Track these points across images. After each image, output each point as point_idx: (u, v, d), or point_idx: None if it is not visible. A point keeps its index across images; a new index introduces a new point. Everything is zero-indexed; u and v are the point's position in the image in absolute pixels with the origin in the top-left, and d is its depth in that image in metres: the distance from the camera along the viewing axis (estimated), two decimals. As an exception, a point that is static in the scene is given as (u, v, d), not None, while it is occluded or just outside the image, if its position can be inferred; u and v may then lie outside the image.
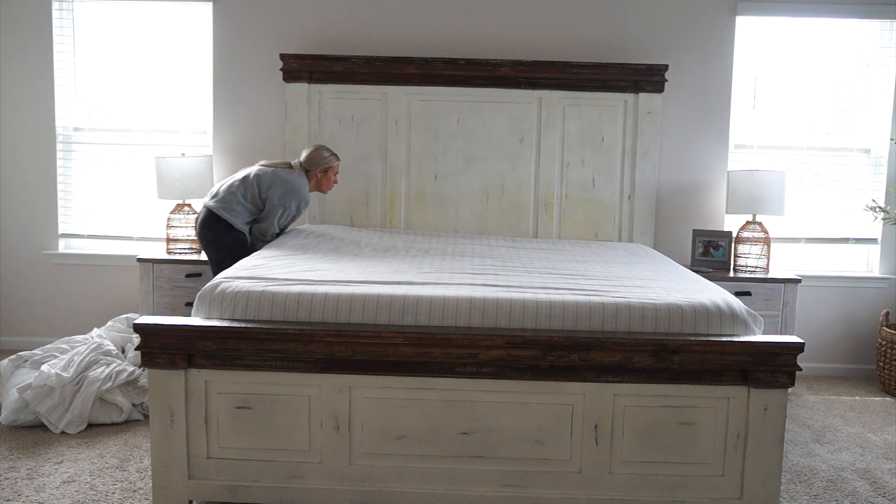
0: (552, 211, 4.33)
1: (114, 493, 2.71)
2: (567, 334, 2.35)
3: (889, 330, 4.16)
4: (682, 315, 2.41)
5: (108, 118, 4.59)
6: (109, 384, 3.33)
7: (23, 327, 4.59)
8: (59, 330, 4.47)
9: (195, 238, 4.12)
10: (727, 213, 4.30)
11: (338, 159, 3.89)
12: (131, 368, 3.44)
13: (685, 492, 2.39)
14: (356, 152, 4.31)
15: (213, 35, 4.40)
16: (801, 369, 2.35)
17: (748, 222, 4.26)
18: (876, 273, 4.54)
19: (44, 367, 3.33)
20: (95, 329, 3.82)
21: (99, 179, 4.57)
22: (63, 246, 4.59)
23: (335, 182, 3.91)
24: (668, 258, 3.57)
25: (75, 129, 4.55)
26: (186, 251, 4.23)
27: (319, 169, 3.82)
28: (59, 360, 3.41)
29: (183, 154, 4.28)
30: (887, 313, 4.26)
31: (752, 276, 4.07)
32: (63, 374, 3.28)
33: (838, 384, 4.36)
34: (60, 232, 4.56)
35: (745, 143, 4.52)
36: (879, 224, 4.48)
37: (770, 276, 4.09)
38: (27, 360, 3.52)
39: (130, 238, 4.57)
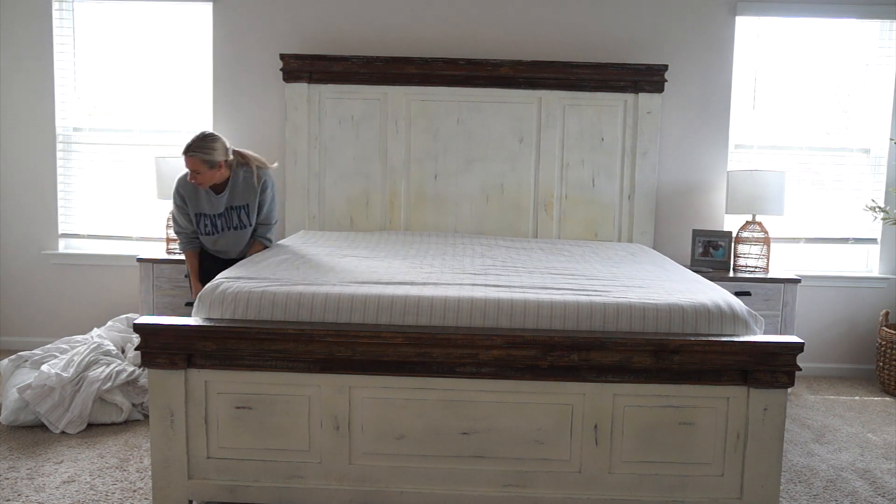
0: (552, 211, 4.33)
1: (114, 493, 2.71)
2: (567, 334, 2.35)
3: (889, 330, 4.16)
4: (682, 315, 2.41)
5: (108, 118, 4.59)
6: (109, 384, 3.33)
7: (23, 327, 4.59)
8: (59, 330, 4.48)
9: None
10: (727, 213, 4.31)
11: (184, 152, 3.25)
12: (131, 368, 3.44)
13: (685, 492, 2.39)
14: (356, 152, 4.31)
15: (213, 35, 4.41)
16: (800, 369, 2.35)
17: (748, 222, 4.26)
18: (876, 273, 4.54)
19: (44, 367, 3.33)
20: (95, 329, 3.82)
21: (99, 179, 4.57)
22: (63, 246, 4.59)
23: (191, 176, 3.28)
24: (668, 258, 3.57)
25: (75, 129, 4.55)
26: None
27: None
28: (59, 360, 3.41)
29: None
30: (887, 313, 4.26)
31: (751, 276, 4.07)
32: (63, 374, 3.28)
33: (838, 384, 4.36)
34: (60, 232, 4.56)
35: (745, 143, 4.52)
36: (879, 224, 4.48)
37: (770, 276, 4.09)
38: (27, 360, 3.52)
39: (130, 238, 4.57)
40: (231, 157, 3.38)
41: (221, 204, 3.42)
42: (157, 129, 4.54)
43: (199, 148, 3.25)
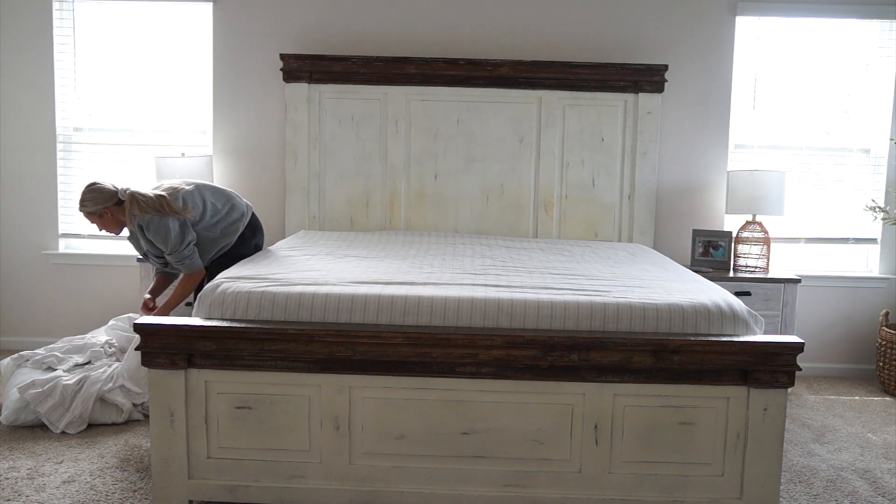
0: (552, 211, 4.33)
1: (114, 493, 2.71)
2: (567, 334, 2.35)
3: (889, 330, 4.16)
4: (682, 315, 2.41)
5: (109, 118, 4.59)
6: (110, 385, 3.32)
7: (23, 327, 4.59)
8: (59, 330, 4.48)
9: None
10: (727, 213, 4.31)
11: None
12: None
13: (685, 492, 2.39)
14: (356, 152, 4.31)
15: (213, 35, 4.41)
16: (800, 369, 2.35)
17: (748, 222, 4.26)
18: (876, 273, 4.54)
19: (44, 368, 3.33)
20: (98, 329, 3.82)
21: (99, 179, 4.56)
22: (63, 246, 4.59)
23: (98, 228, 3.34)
24: (668, 258, 3.57)
25: (75, 129, 4.55)
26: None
27: None
28: (59, 360, 3.41)
29: (183, 154, 4.28)
30: (887, 313, 4.26)
31: (752, 276, 4.07)
32: (64, 374, 3.28)
33: (838, 384, 4.36)
34: (60, 232, 4.56)
35: (745, 143, 4.52)
36: (879, 224, 4.48)
37: (770, 276, 4.09)
38: (28, 360, 3.52)
39: (130, 238, 4.58)
40: (123, 200, 3.21)
41: (140, 243, 3.34)
42: (157, 129, 4.54)
43: (82, 201, 3.23)
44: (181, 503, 2.42)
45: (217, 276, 2.68)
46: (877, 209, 4.20)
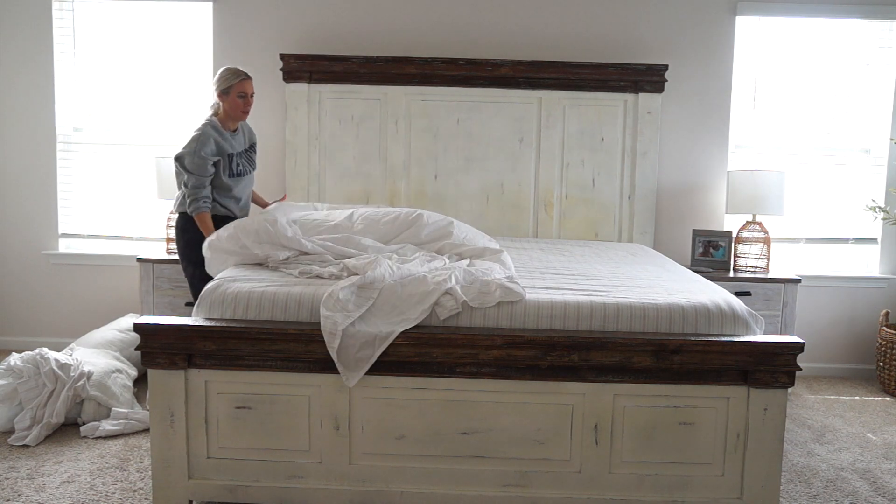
0: (552, 211, 4.33)
1: (114, 493, 2.71)
2: (567, 334, 2.35)
3: (889, 330, 4.16)
4: (682, 315, 2.41)
5: (109, 118, 4.59)
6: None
7: (23, 327, 4.59)
8: (60, 330, 4.48)
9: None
10: (727, 213, 4.31)
11: (239, 77, 3.40)
12: (133, 372, 3.44)
13: (685, 492, 2.39)
14: (356, 152, 4.31)
15: (213, 35, 4.40)
16: (800, 369, 2.35)
17: (748, 222, 4.26)
18: (876, 273, 4.54)
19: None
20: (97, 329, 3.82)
21: (99, 179, 4.57)
22: (63, 246, 4.59)
23: (245, 104, 3.43)
24: (668, 258, 3.57)
25: (75, 129, 4.55)
26: (186, 251, 4.22)
27: (219, 93, 3.40)
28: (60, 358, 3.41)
29: (183, 154, 4.27)
30: (887, 313, 4.26)
31: (752, 276, 4.07)
32: (64, 375, 3.28)
33: (838, 384, 4.36)
34: (60, 232, 4.56)
35: (745, 143, 4.52)
36: (879, 224, 4.48)
37: (770, 276, 4.09)
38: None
39: (130, 238, 4.57)
40: None
41: (240, 142, 3.55)
42: (157, 129, 4.54)
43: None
44: (181, 503, 2.42)
45: (217, 276, 2.68)
46: (877, 209, 4.20)
